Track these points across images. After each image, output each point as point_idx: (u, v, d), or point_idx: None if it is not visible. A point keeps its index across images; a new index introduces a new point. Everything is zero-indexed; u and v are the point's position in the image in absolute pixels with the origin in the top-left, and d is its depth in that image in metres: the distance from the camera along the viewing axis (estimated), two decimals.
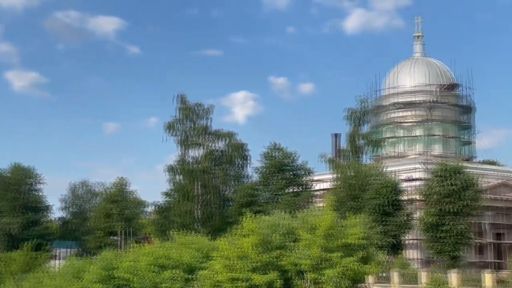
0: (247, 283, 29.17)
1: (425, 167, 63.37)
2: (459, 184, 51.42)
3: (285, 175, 65.24)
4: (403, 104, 76.46)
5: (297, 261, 29.67)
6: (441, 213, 51.34)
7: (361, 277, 31.93)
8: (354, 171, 58.17)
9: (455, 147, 76.66)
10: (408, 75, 78.01)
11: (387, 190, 54.06)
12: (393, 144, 76.64)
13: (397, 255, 53.36)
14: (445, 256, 51.01)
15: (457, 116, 77.68)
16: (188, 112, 71.35)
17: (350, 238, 30.60)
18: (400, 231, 54.12)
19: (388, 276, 50.06)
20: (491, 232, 64.55)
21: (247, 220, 30.46)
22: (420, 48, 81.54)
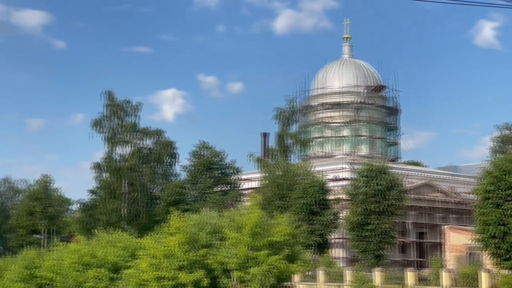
0: (173, 282, 28.97)
1: (351, 167, 64.28)
2: (384, 184, 52.33)
3: (213, 173, 65.13)
4: (331, 105, 77.41)
5: (224, 260, 29.63)
6: (366, 212, 52.15)
7: (287, 275, 32.13)
8: (282, 171, 58.55)
9: (381, 148, 78.09)
10: (337, 76, 79.04)
11: (314, 189, 54.59)
12: (321, 144, 77.52)
13: (323, 254, 53.98)
14: (370, 255, 51.87)
15: (383, 117, 79.15)
16: (115, 109, 70.49)
17: (276, 236, 30.73)
18: (327, 230, 54.76)
19: (314, 275, 50.59)
20: (414, 231, 66.05)
21: (174, 219, 30.24)
22: (348, 50, 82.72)
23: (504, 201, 41.35)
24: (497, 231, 41.18)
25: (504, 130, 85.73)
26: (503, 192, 41.43)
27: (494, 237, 41.47)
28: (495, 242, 41.53)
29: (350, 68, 79.63)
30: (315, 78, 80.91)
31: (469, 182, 68.68)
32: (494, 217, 41.31)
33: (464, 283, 43.57)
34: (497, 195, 41.58)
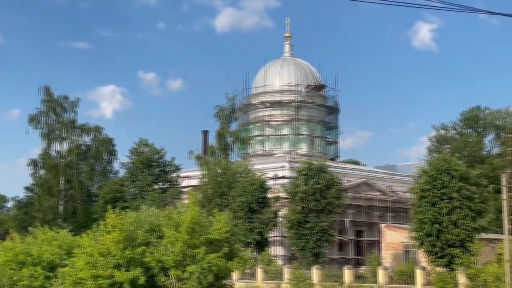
0: (109, 280, 28.56)
1: (291, 165, 64.63)
2: (323, 183, 52.75)
3: (152, 171, 64.64)
4: (271, 103, 77.69)
5: (161, 258, 29.36)
6: (305, 210, 52.49)
7: (225, 273, 32.04)
8: (222, 168, 58.50)
9: (321, 147, 78.77)
10: (277, 75, 79.35)
11: (254, 187, 54.76)
12: (261, 142, 77.76)
13: (262, 252, 54.14)
14: (308, 253, 52.24)
15: (323, 116, 79.84)
16: (53, 105, 69.38)
17: (215, 233, 30.63)
18: (266, 228, 54.95)
19: (252, 273, 50.68)
20: (352, 229, 66.87)
21: (111, 216, 29.84)
22: (289, 49, 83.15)
23: (439, 200, 42.22)
24: (432, 229, 42.03)
25: (440, 130, 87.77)
26: (439, 191, 42.30)
27: (430, 235, 42.31)
28: (430, 240, 42.38)
29: (291, 67, 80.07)
30: (256, 77, 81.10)
31: (406, 181, 69.86)
32: (429, 215, 42.15)
33: (400, 281, 44.29)
34: (433, 194, 42.43)
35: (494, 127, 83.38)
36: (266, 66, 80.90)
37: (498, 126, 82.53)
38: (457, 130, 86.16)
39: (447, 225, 41.73)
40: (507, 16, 17.45)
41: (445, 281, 40.38)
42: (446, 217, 41.77)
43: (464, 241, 41.67)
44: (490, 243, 46.08)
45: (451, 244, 41.80)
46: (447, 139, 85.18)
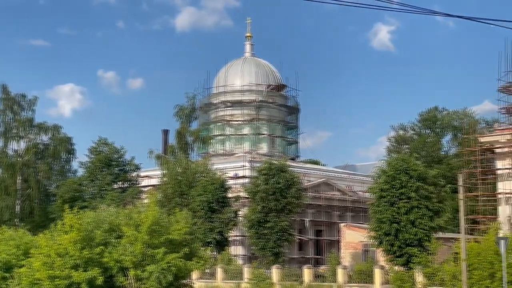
0: (67, 281, 28.22)
1: (251, 165, 64.69)
2: (283, 183, 52.90)
3: (112, 170, 64.08)
4: (232, 103, 77.66)
5: (120, 258, 29.14)
6: (265, 210, 52.57)
7: (185, 273, 31.94)
8: (182, 168, 58.30)
9: (281, 147, 79.01)
10: (238, 74, 79.35)
11: (214, 187, 54.69)
12: (222, 142, 77.69)
13: (222, 251, 54.10)
14: (268, 252, 52.33)
15: (284, 116, 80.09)
16: (10, 103, 68.42)
17: (175, 234, 30.51)
18: (226, 227, 54.92)
19: (212, 272, 50.61)
20: (312, 229, 67.21)
21: (69, 216, 29.50)
22: (250, 48, 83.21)
23: (398, 200, 42.66)
24: (390, 229, 42.45)
25: (399, 130, 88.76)
26: (397, 191, 42.73)
27: (388, 235, 42.72)
28: (389, 239, 42.79)
29: (252, 67, 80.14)
30: (216, 76, 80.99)
31: (365, 181, 70.49)
32: (388, 215, 42.56)
33: (359, 280, 44.67)
34: (392, 193, 42.85)
35: (452, 127, 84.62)
36: (227, 65, 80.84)
37: (455, 126, 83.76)
38: (416, 131, 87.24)
39: (405, 224, 42.18)
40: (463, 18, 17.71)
41: (403, 280, 40.85)
42: (404, 216, 42.21)
43: (422, 240, 42.17)
44: (447, 242, 46.71)
45: (409, 243, 42.27)
46: (405, 139, 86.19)
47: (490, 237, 36.01)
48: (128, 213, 31.46)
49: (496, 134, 53.23)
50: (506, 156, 51.30)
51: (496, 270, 33.99)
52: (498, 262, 33.31)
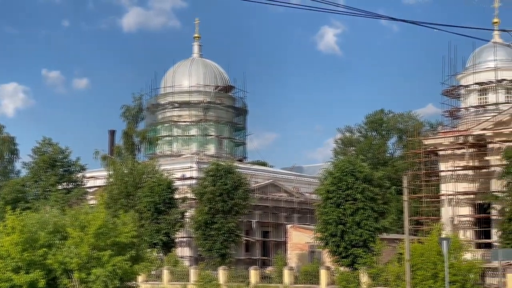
0: (8, 284, 27.68)
1: (199, 166, 64.49)
2: (231, 184, 52.91)
3: (56, 171, 63.02)
4: (179, 104, 77.23)
5: (65, 260, 28.73)
6: (212, 211, 52.47)
7: (131, 276, 31.67)
8: (128, 169, 57.76)
9: (229, 148, 78.92)
10: (186, 75, 78.97)
11: (161, 188, 54.37)
12: (169, 142, 77.22)
13: (168, 253, 53.84)
14: (215, 254, 52.25)
15: (231, 117, 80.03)
16: None
17: (121, 236, 30.23)
18: (173, 229, 54.68)
19: (159, 274, 50.32)
20: (259, 230, 67.32)
21: (11, 217, 28.94)
22: (198, 49, 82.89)
23: (344, 201, 43.10)
24: (336, 230, 42.86)
25: (345, 132, 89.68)
26: (343, 193, 43.17)
27: (334, 236, 43.13)
28: (335, 241, 43.21)
29: (200, 68, 79.84)
30: (164, 77, 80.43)
31: (312, 182, 70.89)
32: (334, 216, 42.96)
33: (305, 280, 45.01)
34: (338, 195, 43.27)
35: (397, 130, 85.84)
36: (175, 66, 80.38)
37: (400, 129, 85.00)
38: (362, 133, 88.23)
39: (351, 225, 42.65)
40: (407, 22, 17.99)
41: (348, 281, 41.32)
42: (350, 217, 42.68)
43: (367, 241, 42.70)
44: (391, 243, 47.41)
45: (355, 244, 42.75)
46: (352, 141, 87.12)
47: (433, 237, 36.70)
48: (74, 214, 31.05)
49: (439, 137, 54.25)
50: (449, 158, 52.33)
51: (439, 270, 34.65)
52: (440, 262, 33.95)
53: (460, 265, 35.75)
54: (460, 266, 35.62)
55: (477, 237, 51.12)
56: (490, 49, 55.69)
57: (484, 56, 57.13)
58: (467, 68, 57.95)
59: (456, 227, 51.20)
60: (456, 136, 51.95)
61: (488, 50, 56.40)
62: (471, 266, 36.42)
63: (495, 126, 48.65)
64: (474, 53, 57.62)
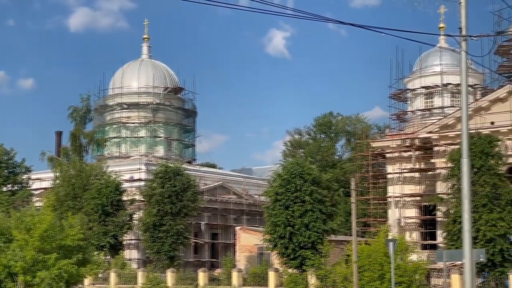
0: None
1: (147, 168, 64.06)
2: (179, 186, 52.69)
3: (1, 172, 61.75)
4: (128, 105, 76.54)
5: (9, 263, 28.21)
6: (161, 213, 52.15)
7: (77, 279, 31.29)
8: (76, 170, 57.01)
9: (178, 150, 78.55)
10: (135, 76, 78.31)
11: (108, 190, 53.81)
12: (117, 144, 76.46)
13: (116, 255, 53.31)
14: (163, 256, 51.93)
15: (181, 119, 79.69)
16: None
17: (68, 239, 29.84)
18: (120, 231, 54.16)
19: (106, 277, 49.80)
20: (207, 232, 67.19)
21: None
22: (147, 50, 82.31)
23: (292, 203, 43.27)
24: (285, 232, 43.01)
25: (294, 135, 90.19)
26: (292, 195, 43.35)
27: (283, 238, 43.28)
28: (283, 242, 43.36)
29: (149, 69, 79.28)
30: (113, 78, 79.61)
31: (261, 184, 71.09)
32: (283, 218, 43.11)
33: (253, 282, 45.08)
34: (286, 197, 43.43)
35: (345, 132, 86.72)
36: (124, 67, 79.66)
37: (349, 132, 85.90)
38: (311, 135, 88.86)
39: (300, 227, 42.85)
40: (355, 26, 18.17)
41: (297, 282, 41.53)
42: (298, 219, 42.88)
43: (315, 243, 42.97)
44: (339, 245, 47.81)
45: (303, 246, 42.98)
46: (301, 143, 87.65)
47: (380, 239, 37.16)
48: (20, 216, 30.51)
49: (386, 140, 54.98)
50: (396, 161, 53.07)
51: (385, 272, 35.09)
52: (387, 263, 34.37)
53: (406, 266, 36.28)
54: (406, 267, 36.15)
55: (423, 239, 51.95)
56: (436, 53, 56.75)
57: (430, 60, 58.21)
58: (414, 72, 58.93)
59: (402, 228, 51.95)
60: (403, 139, 52.72)
61: (434, 54, 57.47)
62: (417, 267, 37.00)
63: (441, 129, 49.52)
64: (421, 58, 58.67)
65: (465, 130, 21.67)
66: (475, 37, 21.51)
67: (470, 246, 21.20)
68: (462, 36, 21.13)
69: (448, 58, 56.48)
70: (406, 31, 19.35)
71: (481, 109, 48.10)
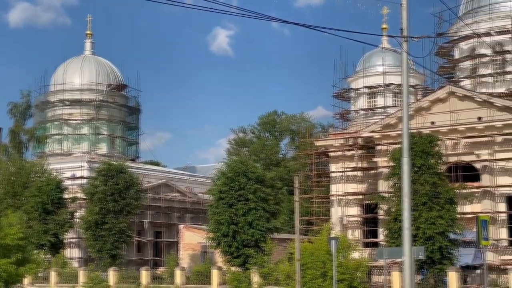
0: None
1: (90, 165, 63.25)
2: (123, 183, 52.19)
3: None
4: (70, 101, 75.37)
5: None
6: (103, 211, 51.59)
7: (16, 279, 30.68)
8: (16, 168, 55.95)
9: (121, 147, 77.74)
10: (77, 73, 77.15)
11: (49, 188, 53.04)
12: (59, 141, 75.19)
13: (57, 254, 52.55)
14: (105, 254, 51.38)
15: (124, 116, 78.85)
16: None
17: (7, 238, 29.24)
18: (62, 229, 53.45)
19: (46, 276, 49.04)
20: (151, 230, 66.75)
21: None
22: (90, 47, 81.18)
23: (236, 201, 43.30)
24: (229, 230, 43.01)
25: (239, 133, 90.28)
26: (236, 193, 43.37)
27: (226, 236, 43.27)
28: (227, 241, 43.36)
29: (92, 65, 78.20)
30: (55, 74, 78.24)
31: (205, 182, 71.00)
32: (226, 216, 43.09)
33: (196, 281, 44.95)
34: (230, 195, 43.43)
35: (289, 131, 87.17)
36: (66, 63, 78.36)
37: (293, 130, 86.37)
38: (255, 134, 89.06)
39: (243, 226, 42.91)
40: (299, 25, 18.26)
41: (240, 280, 41.56)
42: (242, 218, 42.93)
43: (259, 241, 43.09)
44: (282, 243, 48.06)
45: (246, 244, 43.05)
46: (245, 142, 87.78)
47: (323, 237, 37.48)
48: None
49: (330, 139, 55.45)
50: (339, 160, 53.57)
51: (328, 269, 35.41)
52: (329, 261, 34.69)
53: (348, 264, 36.66)
54: (348, 265, 36.53)
55: (364, 237, 52.58)
56: (379, 54, 57.50)
57: (373, 60, 58.98)
58: (357, 72, 59.62)
59: (345, 227, 52.50)
60: (346, 138, 53.26)
61: (377, 55, 58.23)
62: (359, 265, 37.44)
63: (383, 128, 50.21)
64: (364, 58, 59.39)
65: (406, 129, 22.01)
66: (416, 38, 21.87)
67: (410, 243, 21.56)
68: (403, 37, 21.46)
69: (391, 58, 57.30)
70: (349, 31, 19.55)
71: (422, 109, 48.95)
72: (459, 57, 55.33)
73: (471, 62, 54.37)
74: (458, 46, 55.69)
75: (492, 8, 52.82)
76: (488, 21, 52.41)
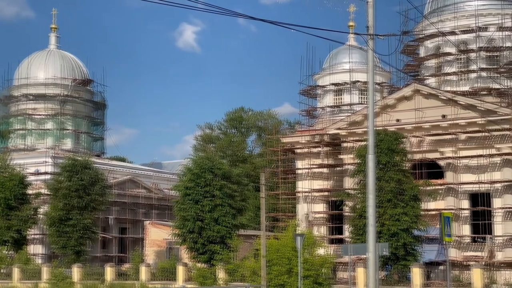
0: None
1: (54, 161, 62.61)
2: (87, 179, 51.78)
3: None
4: (35, 96, 74.46)
5: None
6: (67, 207, 51.15)
7: None
8: None
9: (86, 143, 77.08)
10: (42, 67, 76.25)
11: (12, 183, 52.52)
12: (23, 136, 74.27)
13: (20, 251, 52.01)
14: (70, 251, 50.99)
15: (90, 112, 78.17)
16: None
17: None
18: (25, 225, 52.92)
19: (8, 272, 48.51)
20: (116, 226, 66.34)
21: None
22: (55, 41, 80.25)
23: (202, 198, 43.20)
24: (195, 226, 42.91)
25: (205, 129, 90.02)
26: (202, 189, 43.28)
27: (192, 232, 43.17)
28: (193, 237, 43.26)
29: (57, 60, 77.30)
30: (18, 68, 77.24)
31: (171, 178, 70.70)
32: (192, 212, 42.97)
33: (162, 277, 44.76)
34: (196, 191, 43.32)
35: (256, 128, 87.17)
36: (30, 57, 77.37)
37: (260, 127, 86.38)
38: (222, 130, 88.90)
39: (209, 222, 42.83)
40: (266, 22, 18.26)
41: (205, 277, 41.50)
42: (208, 214, 42.85)
43: (225, 237, 43.06)
44: (248, 239, 48.08)
45: (212, 240, 43.00)
46: (212, 138, 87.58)
47: (289, 234, 37.59)
48: None
49: (296, 135, 55.60)
50: (305, 157, 53.76)
51: (293, 266, 35.53)
52: (295, 258, 34.79)
53: (314, 260, 36.83)
54: (313, 261, 36.69)
55: (330, 233, 52.86)
56: (345, 51, 57.78)
57: (340, 58, 59.24)
58: (324, 69, 59.83)
59: (311, 223, 52.70)
60: (312, 135, 53.45)
61: (343, 52, 58.51)
62: (324, 261, 37.63)
63: (349, 125, 50.49)
64: (331, 55, 59.64)
65: (372, 127, 22.14)
66: (382, 36, 22.03)
67: (374, 240, 21.71)
68: (369, 35, 21.58)
69: (357, 56, 57.59)
70: (316, 29, 19.59)
71: (388, 106, 49.34)
72: (424, 55, 55.83)
73: (436, 61, 54.90)
74: (424, 44, 56.20)
75: (457, 7, 53.41)
76: (453, 20, 52.99)
